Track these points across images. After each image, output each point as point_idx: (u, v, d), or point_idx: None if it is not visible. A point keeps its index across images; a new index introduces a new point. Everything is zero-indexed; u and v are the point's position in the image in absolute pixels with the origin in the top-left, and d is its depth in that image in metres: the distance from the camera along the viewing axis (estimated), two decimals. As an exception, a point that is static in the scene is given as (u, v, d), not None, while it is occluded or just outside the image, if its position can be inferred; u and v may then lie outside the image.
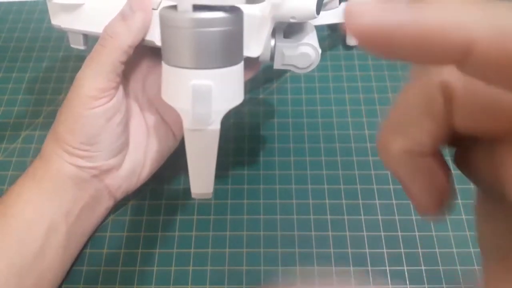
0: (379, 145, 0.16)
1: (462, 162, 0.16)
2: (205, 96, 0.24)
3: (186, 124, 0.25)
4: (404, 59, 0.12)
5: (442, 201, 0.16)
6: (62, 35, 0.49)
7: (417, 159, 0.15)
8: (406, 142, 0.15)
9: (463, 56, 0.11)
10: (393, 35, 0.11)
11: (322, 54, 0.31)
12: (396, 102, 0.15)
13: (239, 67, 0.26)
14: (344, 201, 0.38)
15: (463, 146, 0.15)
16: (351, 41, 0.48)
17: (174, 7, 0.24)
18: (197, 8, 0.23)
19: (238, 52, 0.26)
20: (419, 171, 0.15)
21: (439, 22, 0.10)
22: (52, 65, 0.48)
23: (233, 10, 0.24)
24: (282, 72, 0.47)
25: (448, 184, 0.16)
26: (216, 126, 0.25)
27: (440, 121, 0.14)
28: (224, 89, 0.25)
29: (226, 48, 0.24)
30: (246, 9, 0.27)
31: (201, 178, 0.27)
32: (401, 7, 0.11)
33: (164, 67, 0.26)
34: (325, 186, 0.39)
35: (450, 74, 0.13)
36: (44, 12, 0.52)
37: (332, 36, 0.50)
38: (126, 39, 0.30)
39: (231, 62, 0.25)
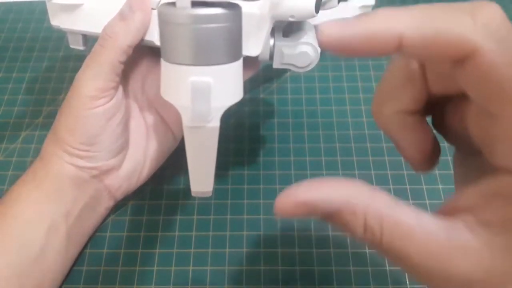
0: (374, 110, 0.20)
1: (439, 125, 0.21)
2: (204, 93, 0.24)
3: (185, 121, 0.25)
4: (361, 55, 0.17)
5: (431, 154, 0.20)
6: (62, 35, 0.49)
7: (405, 117, 0.20)
8: (395, 104, 0.19)
9: (398, 44, 0.16)
10: (349, 39, 0.16)
11: (322, 54, 0.31)
12: (384, 76, 0.20)
13: (238, 63, 0.26)
14: (344, 201, 0.38)
15: (439, 112, 0.20)
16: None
17: (173, 3, 0.24)
18: (195, 4, 0.23)
19: (237, 48, 0.26)
20: (408, 127, 0.20)
21: (377, 25, 0.16)
22: (52, 65, 0.48)
23: (232, 7, 0.24)
24: (282, 72, 0.47)
25: (433, 139, 0.20)
26: (215, 123, 0.25)
27: (419, 85, 0.19)
28: (224, 86, 0.25)
29: (225, 44, 0.24)
30: (245, 8, 0.27)
31: (200, 176, 0.27)
32: (352, 21, 0.16)
33: (163, 64, 0.26)
34: (325, 186, 0.39)
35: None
36: (44, 12, 0.52)
37: (332, 36, 0.50)
38: (125, 39, 0.29)
39: (230, 59, 0.25)
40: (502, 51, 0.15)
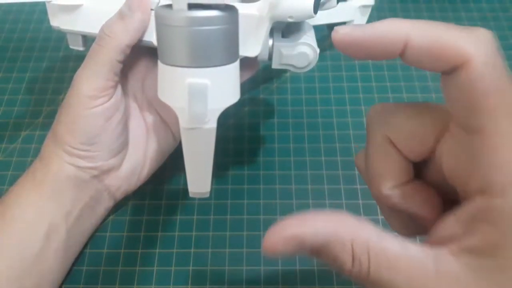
0: (375, 196, 0.22)
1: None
2: (201, 95, 0.24)
3: (183, 122, 0.25)
4: (369, 56, 0.19)
5: (439, 207, 0.21)
6: (62, 35, 0.49)
7: (403, 188, 0.21)
8: (389, 183, 0.21)
9: (403, 47, 0.18)
10: (361, 39, 0.18)
11: (322, 54, 0.31)
12: (368, 164, 0.22)
13: (235, 65, 0.26)
14: (344, 201, 0.38)
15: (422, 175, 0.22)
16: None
17: (170, 6, 0.24)
18: (192, 6, 0.23)
19: (234, 50, 0.26)
20: (409, 194, 0.21)
21: (386, 28, 0.18)
22: (52, 65, 0.48)
23: (228, 9, 0.24)
24: (282, 72, 0.47)
25: (436, 195, 0.22)
26: (212, 124, 0.25)
27: (398, 159, 0.21)
28: (220, 88, 0.25)
29: (222, 46, 0.24)
30: (244, 9, 0.27)
31: (198, 177, 0.27)
32: (365, 25, 0.19)
33: (160, 65, 0.26)
34: (325, 186, 0.39)
35: (386, 130, 0.21)
36: (44, 12, 0.52)
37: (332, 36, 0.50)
38: (123, 38, 0.30)
39: (227, 61, 0.25)
40: (490, 66, 0.17)
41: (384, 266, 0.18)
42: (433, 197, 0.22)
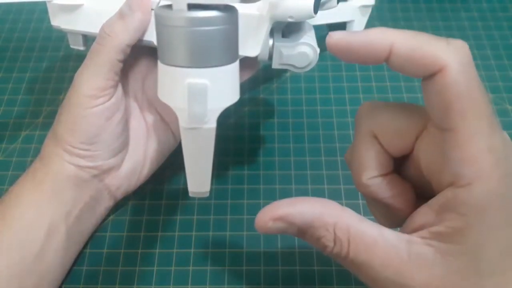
0: (356, 184, 0.24)
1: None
2: (201, 95, 0.24)
3: (182, 122, 0.25)
4: (359, 60, 0.21)
5: (412, 200, 0.24)
6: (62, 35, 0.49)
7: (380, 180, 0.23)
8: (369, 173, 0.23)
9: (389, 53, 0.20)
10: (352, 44, 0.21)
11: (322, 54, 0.31)
12: (353, 155, 0.25)
13: (235, 65, 0.26)
14: (344, 201, 0.38)
15: (402, 169, 0.25)
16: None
17: (170, 6, 0.24)
18: (192, 7, 0.23)
19: (233, 50, 0.26)
20: (386, 186, 0.23)
21: (375, 36, 0.20)
22: (52, 65, 0.48)
23: (228, 9, 0.24)
24: (282, 72, 0.47)
25: (411, 189, 0.24)
26: (212, 124, 0.25)
27: (380, 153, 0.23)
28: (220, 88, 0.25)
29: (222, 46, 0.24)
30: (244, 9, 0.28)
31: (197, 177, 0.27)
32: (356, 31, 0.21)
33: (160, 66, 0.26)
34: (325, 186, 0.39)
35: (372, 124, 0.23)
36: (44, 12, 0.52)
37: (332, 36, 0.50)
38: (124, 38, 0.30)
39: (227, 61, 0.25)
40: (464, 73, 0.19)
41: (362, 249, 0.20)
42: (408, 191, 0.24)
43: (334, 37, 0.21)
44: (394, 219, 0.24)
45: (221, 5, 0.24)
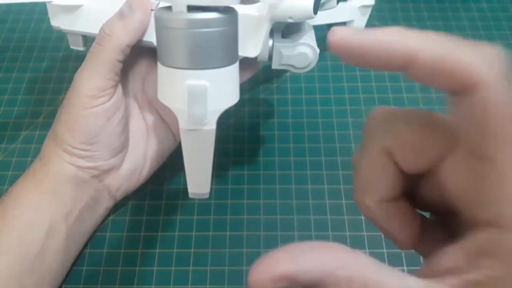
0: (357, 203, 0.21)
1: (417, 202, 0.21)
2: (201, 97, 0.24)
3: (182, 124, 0.25)
4: (365, 64, 0.17)
5: (416, 235, 0.20)
6: (62, 35, 0.49)
7: (387, 205, 0.20)
8: (375, 194, 0.20)
9: (408, 61, 0.16)
10: (360, 45, 0.16)
11: (322, 54, 0.31)
12: (359, 167, 0.20)
13: (234, 67, 0.26)
14: (344, 201, 0.38)
15: (416, 190, 0.21)
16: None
17: (169, 8, 0.24)
18: (191, 8, 0.23)
19: (233, 52, 0.26)
20: (391, 214, 0.20)
21: (391, 38, 0.16)
22: (52, 65, 0.48)
23: (228, 11, 0.24)
24: (282, 72, 0.47)
25: (420, 220, 0.21)
26: (211, 126, 0.25)
27: (392, 171, 0.19)
28: (220, 89, 0.25)
29: (221, 48, 0.24)
30: (244, 9, 0.27)
31: (197, 178, 0.27)
32: (367, 30, 0.17)
33: (160, 67, 0.26)
34: (325, 186, 0.39)
35: (385, 138, 0.19)
36: (44, 12, 0.52)
37: (332, 36, 0.50)
38: (123, 38, 0.30)
39: (227, 62, 0.25)
40: (505, 90, 0.15)
41: None
42: (413, 222, 0.21)
43: (338, 34, 0.17)
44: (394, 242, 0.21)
45: (221, 7, 0.24)
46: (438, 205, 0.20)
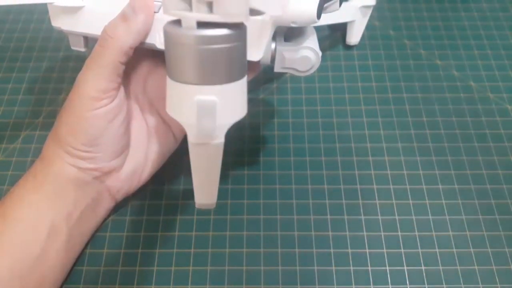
0: None
1: None
2: (210, 111, 0.24)
3: (191, 138, 0.26)
4: None
5: None
6: (62, 35, 0.49)
7: None
8: None
9: None
10: None
11: (322, 54, 0.31)
12: None
13: (243, 81, 0.26)
14: (344, 201, 0.38)
15: None
16: (351, 40, 0.48)
17: (179, 22, 0.24)
18: (201, 24, 0.23)
19: (242, 67, 0.26)
20: None
21: None
22: (52, 65, 0.48)
23: (237, 26, 0.24)
24: (282, 72, 0.47)
25: None
26: (220, 140, 0.26)
27: None
28: (228, 104, 0.25)
29: (231, 64, 0.24)
30: None
31: (205, 190, 0.28)
32: None
33: (169, 82, 0.26)
34: (325, 186, 0.39)
35: None
36: (44, 12, 0.52)
37: (332, 36, 0.50)
38: (126, 40, 0.29)
39: (235, 77, 0.25)
40: None
41: None
42: None
43: None
44: None
45: (230, 22, 0.24)
46: None
